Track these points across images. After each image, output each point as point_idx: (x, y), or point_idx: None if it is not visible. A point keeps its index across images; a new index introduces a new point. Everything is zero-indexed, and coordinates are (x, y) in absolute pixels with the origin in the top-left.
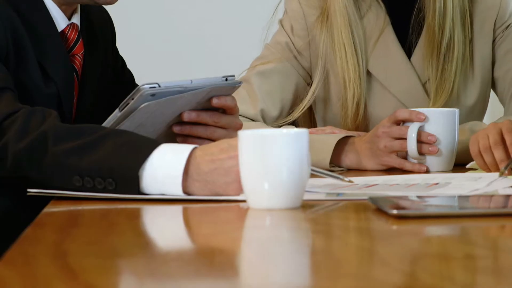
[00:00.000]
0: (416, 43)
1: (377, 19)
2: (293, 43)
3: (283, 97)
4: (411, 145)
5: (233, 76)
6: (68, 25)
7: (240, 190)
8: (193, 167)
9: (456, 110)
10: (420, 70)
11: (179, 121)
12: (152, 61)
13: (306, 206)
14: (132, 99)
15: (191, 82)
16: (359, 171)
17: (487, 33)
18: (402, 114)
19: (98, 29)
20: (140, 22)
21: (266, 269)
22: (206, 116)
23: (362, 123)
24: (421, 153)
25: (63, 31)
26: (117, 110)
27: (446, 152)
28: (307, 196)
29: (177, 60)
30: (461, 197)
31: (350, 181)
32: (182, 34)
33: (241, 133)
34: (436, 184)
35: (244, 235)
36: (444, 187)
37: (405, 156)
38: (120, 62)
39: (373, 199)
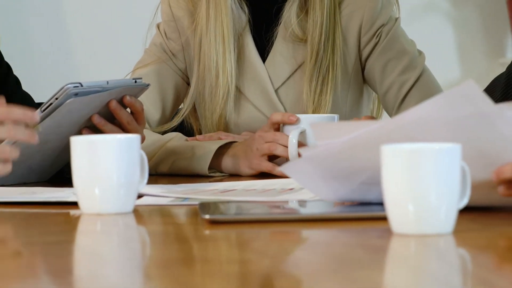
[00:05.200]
0: (270, 48)
1: (240, 16)
2: (167, 46)
3: (163, 98)
4: (292, 151)
5: (141, 78)
6: None
7: None
8: None
9: (336, 116)
10: (274, 75)
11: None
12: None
13: (138, 210)
14: (56, 98)
15: (107, 82)
16: (238, 176)
17: (353, 39)
18: (276, 116)
19: None
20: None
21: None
22: (125, 113)
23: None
24: None
25: None
26: (38, 110)
27: None
28: (148, 201)
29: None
30: (291, 202)
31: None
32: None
33: (73, 139)
34: (291, 189)
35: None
36: (297, 192)
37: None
38: (5, 68)
39: (200, 205)
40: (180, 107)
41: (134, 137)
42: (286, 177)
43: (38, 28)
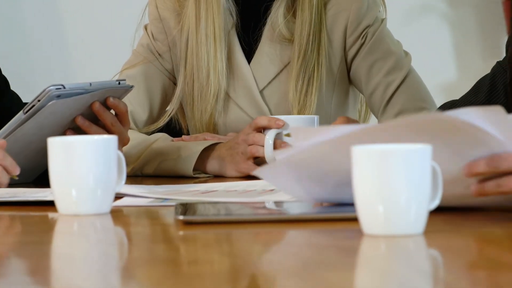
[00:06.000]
0: (256, 49)
1: (228, 15)
2: (154, 46)
3: (150, 99)
4: (268, 152)
5: (125, 80)
6: None
7: None
8: None
9: (316, 117)
10: (259, 76)
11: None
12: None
13: (115, 211)
14: (39, 100)
15: (90, 84)
16: (222, 177)
17: (339, 40)
18: (261, 121)
19: None
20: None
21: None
22: (108, 114)
23: (222, 121)
24: None
25: None
26: (21, 112)
27: None
28: (128, 202)
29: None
30: (264, 204)
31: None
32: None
33: (50, 140)
34: (272, 190)
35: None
36: (277, 193)
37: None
38: None
39: (177, 206)
40: (167, 108)
41: (111, 138)
42: None
43: (36, 28)
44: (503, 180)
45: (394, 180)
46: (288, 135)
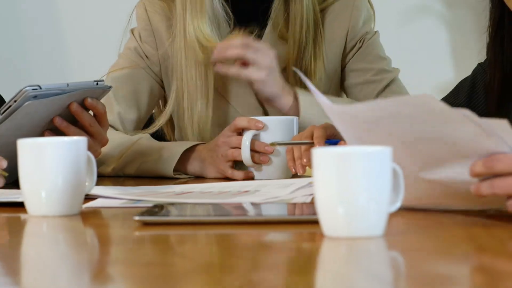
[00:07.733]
0: None
1: (224, 20)
2: (141, 49)
3: (138, 100)
4: (245, 153)
5: (103, 80)
6: None
7: None
8: None
9: (295, 118)
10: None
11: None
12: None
13: (86, 213)
14: (15, 101)
15: (67, 85)
16: (203, 178)
17: (338, 44)
18: (241, 122)
19: None
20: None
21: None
22: (86, 115)
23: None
24: (255, 161)
25: None
26: None
27: (283, 160)
28: (100, 203)
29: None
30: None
31: None
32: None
33: (19, 142)
34: (246, 192)
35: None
36: (252, 195)
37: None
38: None
39: (148, 207)
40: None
41: (80, 140)
42: (249, 178)
43: (35, 29)
44: (496, 181)
45: (354, 182)
46: (273, 144)
